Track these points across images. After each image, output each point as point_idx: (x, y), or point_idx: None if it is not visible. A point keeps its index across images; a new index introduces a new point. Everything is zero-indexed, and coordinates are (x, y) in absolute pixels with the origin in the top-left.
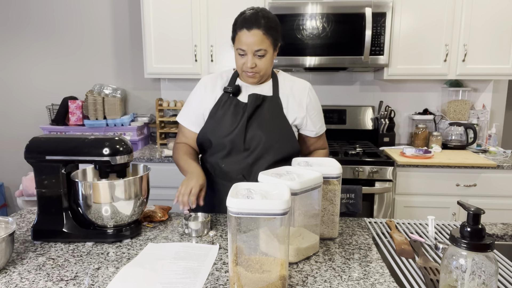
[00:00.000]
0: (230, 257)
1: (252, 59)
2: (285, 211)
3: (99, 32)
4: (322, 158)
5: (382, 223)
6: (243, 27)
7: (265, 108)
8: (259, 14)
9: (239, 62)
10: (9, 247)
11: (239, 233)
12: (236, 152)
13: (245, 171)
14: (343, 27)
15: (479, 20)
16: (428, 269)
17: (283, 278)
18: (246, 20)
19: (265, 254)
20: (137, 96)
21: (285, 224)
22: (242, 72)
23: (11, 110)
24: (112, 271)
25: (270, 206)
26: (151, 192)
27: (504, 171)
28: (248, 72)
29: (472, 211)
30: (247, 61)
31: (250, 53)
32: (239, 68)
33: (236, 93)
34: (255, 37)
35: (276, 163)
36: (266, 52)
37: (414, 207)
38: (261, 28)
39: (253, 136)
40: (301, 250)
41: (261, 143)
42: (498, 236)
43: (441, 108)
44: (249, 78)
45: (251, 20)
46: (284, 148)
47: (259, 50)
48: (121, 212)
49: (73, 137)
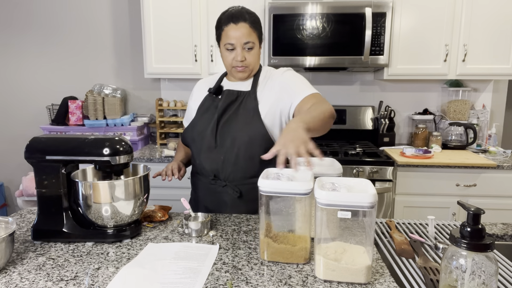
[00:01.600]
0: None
1: (241, 52)
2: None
3: (99, 32)
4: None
5: (382, 223)
6: (229, 22)
7: (239, 104)
8: (243, 10)
9: (228, 58)
10: (9, 247)
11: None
12: (209, 149)
13: (217, 167)
14: (343, 27)
15: (479, 20)
16: (428, 269)
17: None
18: (232, 15)
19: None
20: (137, 96)
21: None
22: (232, 69)
23: (11, 110)
24: (112, 271)
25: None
26: (151, 192)
27: (504, 171)
28: (238, 67)
29: (472, 211)
30: (237, 55)
31: (239, 47)
32: (229, 65)
33: (217, 93)
34: (243, 30)
35: (247, 160)
36: (254, 45)
37: (414, 207)
38: (247, 21)
39: (224, 132)
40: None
41: (231, 139)
42: (498, 236)
43: (441, 108)
44: (239, 73)
45: (237, 15)
46: (253, 145)
47: (247, 43)
48: (121, 212)
49: (73, 137)
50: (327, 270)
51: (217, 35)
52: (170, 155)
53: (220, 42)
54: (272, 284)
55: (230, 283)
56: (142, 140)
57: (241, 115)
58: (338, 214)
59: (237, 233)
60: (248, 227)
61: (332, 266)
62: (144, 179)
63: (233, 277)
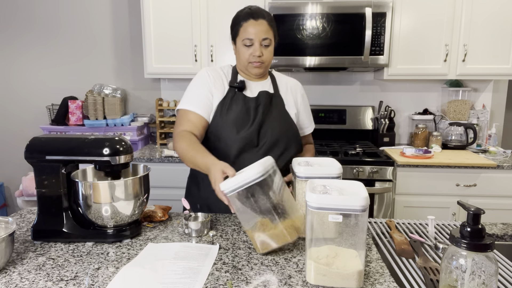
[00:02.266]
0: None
1: (259, 48)
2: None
3: (99, 32)
4: (322, 158)
5: (382, 223)
6: (249, 18)
7: (273, 105)
8: (261, 8)
9: (245, 53)
10: (9, 247)
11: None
12: (249, 148)
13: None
14: (343, 27)
15: (479, 19)
16: (428, 269)
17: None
18: (252, 12)
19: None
20: (137, 96)
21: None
22: (248, 64)
23: (11, 110)
24: (112, 271)
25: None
26: (151, 192)
27: (504, 171)
28: (255, 62)
29: (472, 211)
30: (255, 50)
31: (257, 42)
32: (245, 60)
33: (242, 89)
34: (262, 26)
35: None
36: (271, 42)
37: (414, 207)
38: (266, 18)
39: (265, 132)
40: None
41: (271, 138)
42: (498, 236)
43: (441, 108)
44: (255, 69)
45: (257, 12)
46: (289, 142)
47: (265, 39)
48: (121, 212)
49: (73, 137)
50: (318, 275)
51: (234, 31)
52: (170, 155)
53: (237, 38)
54: (272, 284)
55: (230, 283)
56: (142, 140)
57: (276, 116)
58: (329, 217)
59: (237, 233)
60: None
61: (323, 271)
62: (144, 179)
63: (233, 277)
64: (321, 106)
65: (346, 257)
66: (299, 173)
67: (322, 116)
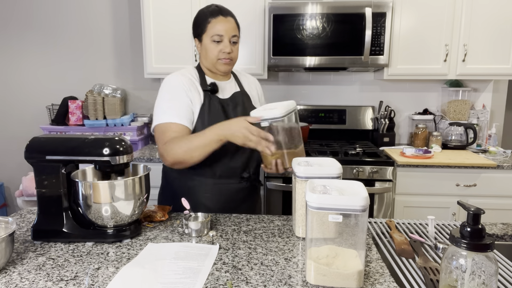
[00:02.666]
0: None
1: (229, 44)
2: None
3: (99, 32)
4: (322, 158)
5: (382, 223)
6: (218, 14)
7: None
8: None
9: (214, 50)
10: (9, 247)
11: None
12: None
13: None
14: (343, 27)
15: (479, 20)
16: (428, 269)
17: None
18: (220, 9)
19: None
20: (137, 96)
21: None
22: (217, 61)
23: (11, 110)
24: (112, 271)
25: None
26: (151, 192)
27: (504, 171)
28: (224, 59)
29: (472, 211)
30: (225, 47)
31: (227, 38)
32: (214, 57)
33: (215, 91)
34: (231, 24)
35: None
36: (238, 39)
37: (414, 207)
38: (233, 17)
39: None
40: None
41: None
42: (498, 236)
43: (441, 108)
44: (224, 66)
45: (225, 10)
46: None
47: (234, 36)
48: (121, 212)
49: (73, 137)
50: (318, 275)
51: (201, 28)
52: None
53: (203, 35)
54: (272, 284)
55: (230, 283)
56: (142, 140)
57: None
58: (329, 218)
59: (237, 233)
60: (248, 227)
61: (323, 271)
62: (144, 179)
63: (233, 277)
64: (321, 106)
65: (346, 257)
66: (299, 173)
67: (322, 116)
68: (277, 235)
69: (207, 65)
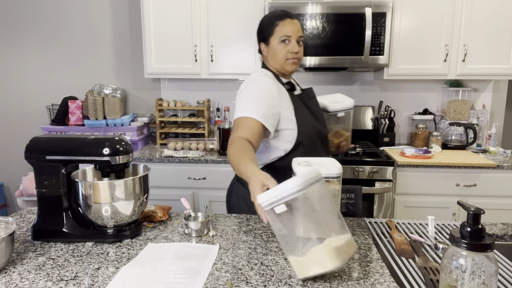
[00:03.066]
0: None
1: (296, 44)
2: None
3: (99, 32)
4: (322, 158)
5: (382, 223)
6: (286, 17)
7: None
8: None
9: (283, 51)
10: (9, 247)
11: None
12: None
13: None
14: (343, 27)
15: (479, 20)
16: (428, 269)
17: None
18: (286, 12)
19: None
20: (137, 96)
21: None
22: (286, 61)
23: (11, 110)
24: (112, 271)
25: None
26: (151, 192)
27: (504, 171)
28: (292, 59)
29: (472, 211)
30: (293, 47)
31: (294, 39)
32: (283, 57)
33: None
34: (297, 25)
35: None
36: (303, 41)
37: (414, 207)
38: (298, 19)
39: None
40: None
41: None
42: (498, 236)
43: (441, 108)
44: (292, 65)
45: (290, 13)
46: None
47: (301, 37)
48: (121, 212)
49: (73, 137)
50: (298, 268)
51: (268, 31)
52: (170, 155)
53: (271, 38)
54: (272, 284)
55: (230, 283)
56: (142, 140)
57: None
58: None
59: (237, 233)
60: (248, 227)
61: (300, 263)
62: (144, 179)
63: (233, 277)
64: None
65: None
66: (299, 173)
67: None
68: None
69: (275, 66)
